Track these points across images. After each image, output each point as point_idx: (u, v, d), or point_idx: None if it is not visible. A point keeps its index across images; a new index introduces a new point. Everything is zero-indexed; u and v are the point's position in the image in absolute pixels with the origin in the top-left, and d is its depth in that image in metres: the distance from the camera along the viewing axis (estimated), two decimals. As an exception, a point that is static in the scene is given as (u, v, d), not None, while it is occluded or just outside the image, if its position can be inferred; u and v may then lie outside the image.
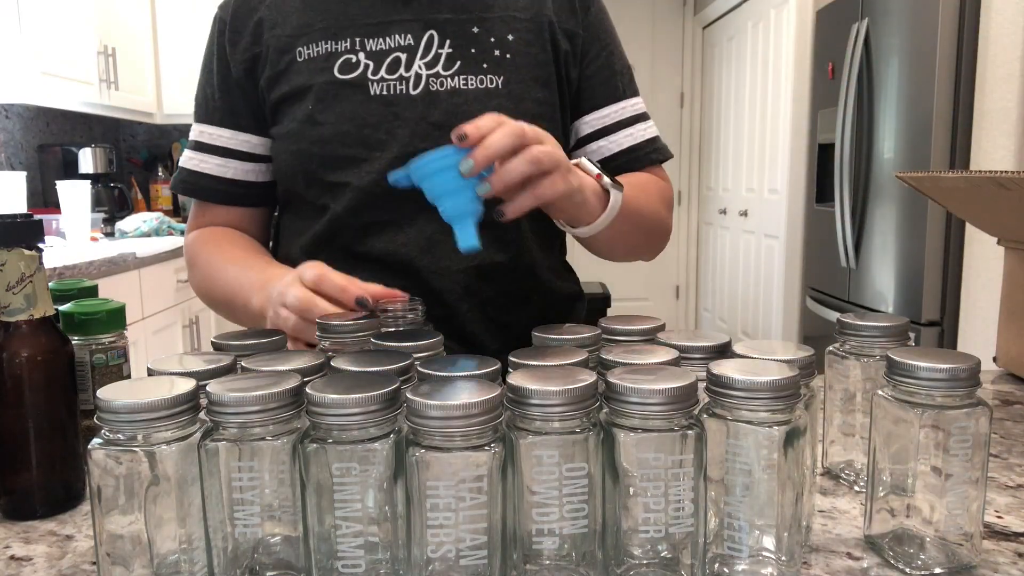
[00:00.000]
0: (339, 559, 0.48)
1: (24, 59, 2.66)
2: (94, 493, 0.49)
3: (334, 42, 0.96)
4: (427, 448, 0.46)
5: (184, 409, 0.49)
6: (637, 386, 0.47)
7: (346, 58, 0.95)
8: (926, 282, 2.44)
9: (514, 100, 0.95)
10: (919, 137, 2.42)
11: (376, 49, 0.95)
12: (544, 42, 0.98)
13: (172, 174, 4.04)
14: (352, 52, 0.95)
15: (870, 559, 0.57)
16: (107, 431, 0.49)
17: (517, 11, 0.98)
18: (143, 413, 0.48)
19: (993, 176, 0.74)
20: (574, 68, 1.02)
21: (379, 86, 0.94)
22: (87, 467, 0.49)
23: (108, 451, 0.49)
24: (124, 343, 0.76)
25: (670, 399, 0.47)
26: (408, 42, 0.95)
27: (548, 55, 0.99)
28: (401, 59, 0.95)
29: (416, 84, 0.95)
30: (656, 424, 0.48)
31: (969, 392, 0.53)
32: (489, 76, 0.95)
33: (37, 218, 0.66)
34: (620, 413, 0.48)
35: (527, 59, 0.97)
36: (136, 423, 0.48)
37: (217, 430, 0.48)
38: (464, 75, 0.95)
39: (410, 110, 0.94)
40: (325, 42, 0.96)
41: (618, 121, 1.03)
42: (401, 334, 0.67)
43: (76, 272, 2.17)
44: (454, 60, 0.95)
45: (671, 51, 5.24)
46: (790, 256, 3.62)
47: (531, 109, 0.96)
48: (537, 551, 0.50)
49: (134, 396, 0.48)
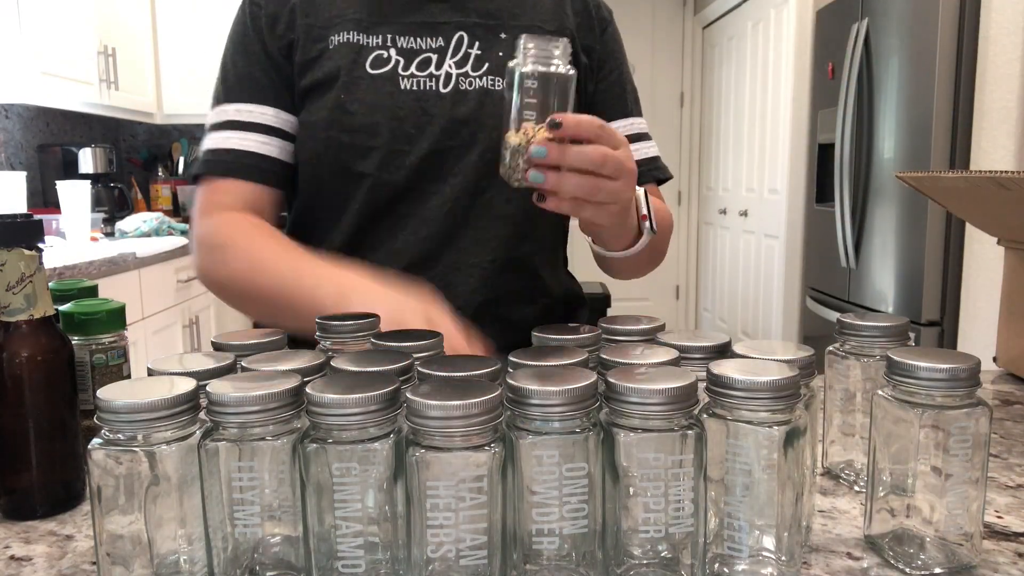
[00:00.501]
0: (339, 559, 0.48)
1: (24, 59, 2.66)
2: (94, 493, 0.49)
3: (366, 35, 0.97)
4: (427, 448, 0.46)
5: (184, 409, 0.49)
6: (637, 386, 0.47)
7: (377, 54, 0.96)
8: (926, 282, 2.44)
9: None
10: (919, 137, 2.42)
11: (407, 47, 0.97)
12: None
13: (172, 174, 4.06)
14: (384, 48, 0.97)
15: (870, 559, 0.57)
16: (107, 431, 0.49)
17: (542, 22, 1.02)
18: (143, 413, 0.48)
19: (993, 176, 0.74)
20: (591, 82, 1.06)
21: (409, 81, 0.96)
22: (87, 467, 0.50)
23: (108, 451, 0.49)
24: (124, 343, 0.76)
25: (670, 399, 0.47)
26: (439, 44, 0.98)
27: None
28: (431, 59, 0.97)
29: (447, 83, 0.97)
30: (656, 424, 0.48)
31: (969, 392, 0.53)
32: None
33: (37, 218, 0.66)
34: (620, 413, 0.48)
35: None
36: (136, 423, 0.48)
37: (217, 430, 0.48)
38: (492, 76, 0.98)
39: (439, 107, 0.96)
40: (358, 33, 0.97)
41: (624, 136, 1.04)
42: (401, 334, 0.67)
43: (76, 272, 2.17)
44: (483, 61, 0.98)
45: (671, 51, 5.24)
46: (790, 256, 3.62)
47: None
48: (537, 551, 0.50)
49: (134, 396, 0.48)
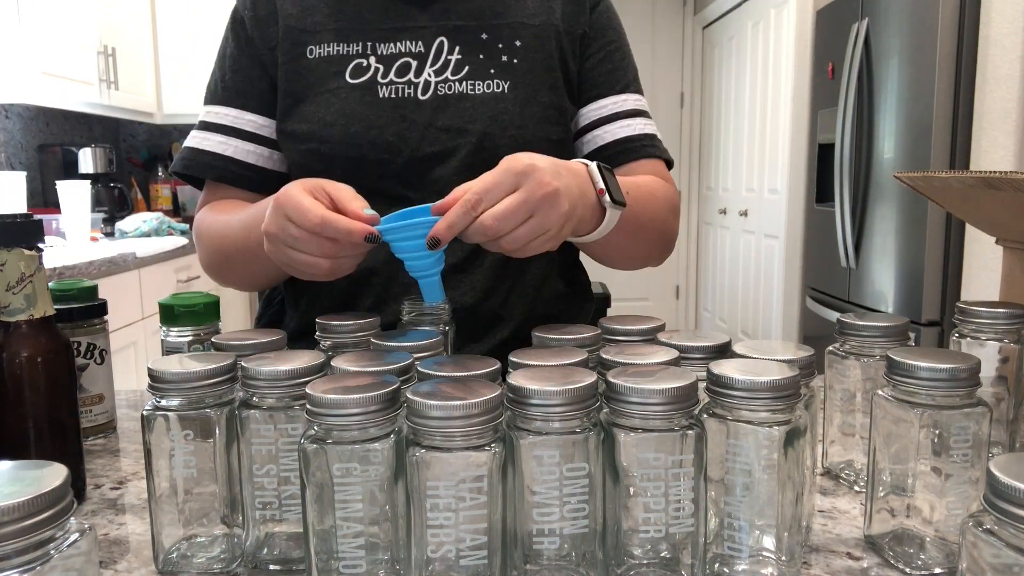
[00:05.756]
0: (339, 559, 0.48)
1: (24, 59, 2.66)
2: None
3: (346, 44, 0.96)
4: (427, 448, 0.46)
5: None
6: (637, 386, 0.47)
7: (357, 63, 0.96)
8: (926, 282, 2.44)
9: (520, 104, 0.96)
10: (919, 137, 2.42)
11: (387, 53, 0.96)
12: (551, 48, 1.00)
13: (172, 174, 4.07)
14: (363, 56, 0.96)
15: (870, 559, 0.57)
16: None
17: (525, 18, 1.00)
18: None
19: (983, 176, 0.74)
20: (574, 62, 1.02)
21: (388, 89, 0.95)
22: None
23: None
24: (217, 332, 0.81)
25: (670, 399, 0.47)
26: (419, 49, 0.97)
27: (555, 60, 1.00)
28: (411, 64, 0.96)
29: (425, 90, 0.96)
30: (656, 424, 0.48)
31: (969, 392, 0.53)
32: (496, 81, 0.97)
33: (37, 218, 0.66)
34: (620, 413, 0.48)
35: (534, 64, 0.98)
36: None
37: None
38: (472, 80, 0.96)
39: (418, 114, 0.95)
40: (337, 44, 0.96)
41: (616, 112, 1.03)
42: (400, 334, 0.67)
43: (76, 272, 2.17)
44: (462, 66, 0.97)
45: (671, 51, 5.24)
46: (790, 256, 3.62)
47: (537, 113, 0.97)
48: (537, 551, 0.50)
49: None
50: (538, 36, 0.99)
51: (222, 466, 0.56)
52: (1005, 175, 0.71)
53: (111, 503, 0.69)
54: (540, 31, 0.99)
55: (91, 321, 0.84)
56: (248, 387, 0.54)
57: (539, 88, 0.98)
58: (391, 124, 0.94)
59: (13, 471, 0.38)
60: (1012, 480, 0.37)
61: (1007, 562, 0.37)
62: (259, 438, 0.54)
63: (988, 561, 0.38)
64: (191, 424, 0.55)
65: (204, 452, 0.55)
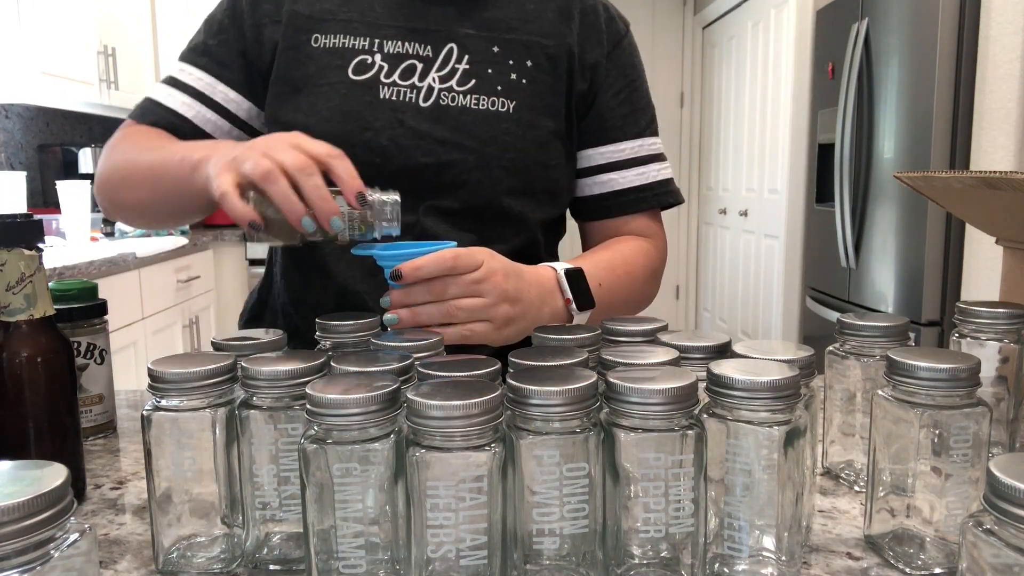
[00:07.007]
0: (339, 559, 0.48)
1: (24, 59, 2.66)
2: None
3: (352, 37, 0.94)
4: (427, 448, 0.46)
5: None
6: (637, 386, 0.47)
7: (361, 59, 0.94)
8: (926, 282, 2.44)
9: (522, 127, 0.95)
10: (919, 137, 2.42)
11: (393, 52, 0.94)
12: (561, 72, 0.97)
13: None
14: (368, 53, 0.94)
15: (870, 559, 0.57)
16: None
17: (540, 36, 0.97)
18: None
19: (982, 176, 0.73)
20: (588, 99, 1.01)
21: (389, 90, 0.93)
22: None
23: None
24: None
25: (670, 399, 0.47)
26: (427, 52, 0.94)
27: (563, 85, 0.98)
28: (416, 67, 0.94)
29: (427, 96, 0.93)
30: (656, 424, 0.48)
31: (969, 392, 0.53)
32: (501, 99, 0.94)
33: (37, 218, 0.66)
34: (620, 413, 0.48)
35: (542, 87, 0.96)
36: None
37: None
38: (477, 95, 0.94)
39: (416, 120, 0.93)
40: (344, 36, 0.94)
41: (633, 158, 1.02)
42: (401, 335, 0.67)
43: (76, 272, 2.17)
44: (469, 77, 0.94)
45: (671, 51, 5.24)
46: (790, 256, 3.62)
47: (538, 137, 0.96)
48: (537, 551, 0.50)
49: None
50: (551, 57, 0.97)
51: (222, 466, 0.56)
52: (1005, 175, 0.71)
53: (111, 503, 0.69)
54: (554, 51, 0.97)
55: (91, 321, 0.84)
56: (248, 387, 0.54)
57: (544, 113, 0.96)
58: (387, 128, 0.92)
59: (13, 471, 0.38)
60: (1012, 480, 0.37)
61: (1007, 562, 0.37)
62: (259, 438, 0.54)
63: (988, 561, 0.38)
64: (191, 424, 0.55)
65: (204, 452, 0.55)
